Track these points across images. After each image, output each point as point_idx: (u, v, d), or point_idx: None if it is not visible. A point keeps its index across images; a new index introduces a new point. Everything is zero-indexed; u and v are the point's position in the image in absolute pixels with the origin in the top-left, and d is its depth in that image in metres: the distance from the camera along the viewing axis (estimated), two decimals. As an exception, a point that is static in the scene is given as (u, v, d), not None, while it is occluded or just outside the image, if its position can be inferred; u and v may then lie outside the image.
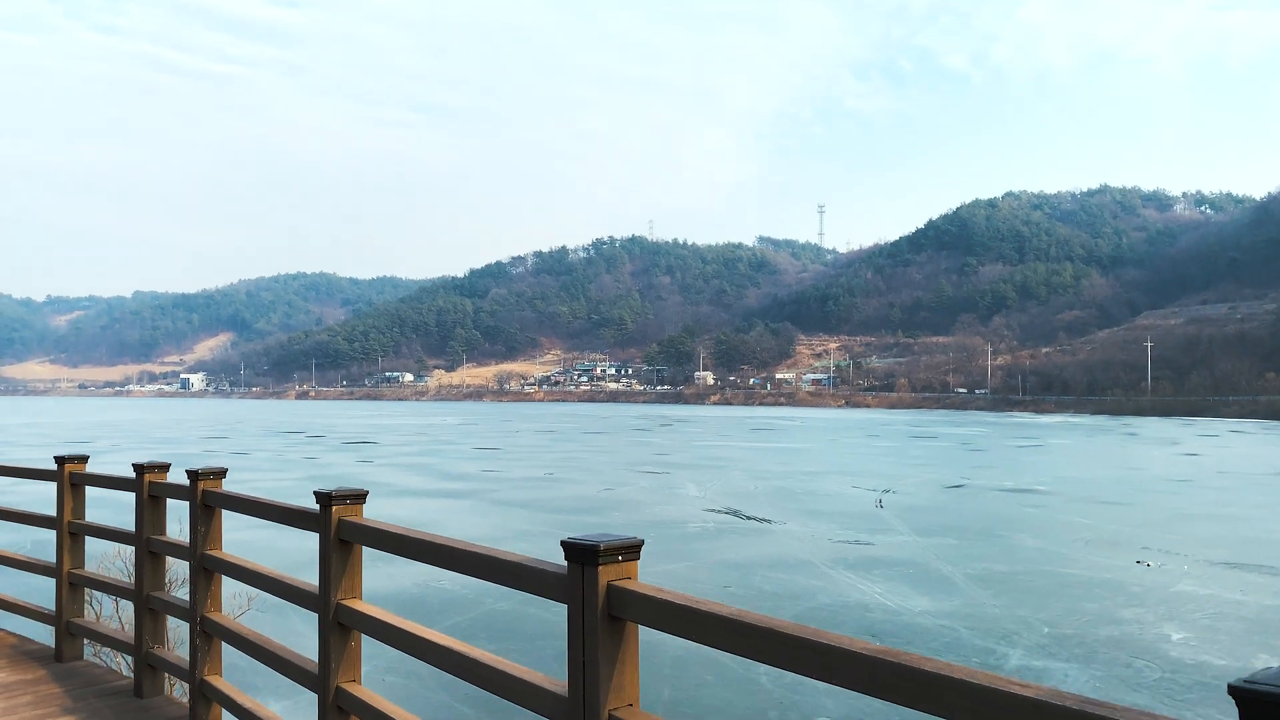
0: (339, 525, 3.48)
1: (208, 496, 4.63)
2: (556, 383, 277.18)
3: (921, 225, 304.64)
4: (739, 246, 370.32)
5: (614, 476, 48.21)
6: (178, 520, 5.60)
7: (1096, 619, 18.96)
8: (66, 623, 5.69)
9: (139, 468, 5.17)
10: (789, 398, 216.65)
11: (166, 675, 4.95)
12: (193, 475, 4.66)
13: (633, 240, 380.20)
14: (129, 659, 5.26)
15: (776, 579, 22.82)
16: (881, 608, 20.09)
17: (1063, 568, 24.34)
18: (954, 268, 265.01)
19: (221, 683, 4.37)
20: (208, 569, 4.50)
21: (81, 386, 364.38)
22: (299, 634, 14.75)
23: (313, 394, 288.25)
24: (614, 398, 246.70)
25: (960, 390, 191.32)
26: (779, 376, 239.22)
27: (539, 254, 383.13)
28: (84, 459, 5.87)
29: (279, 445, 72.23)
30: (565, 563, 2.64)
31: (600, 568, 2.55)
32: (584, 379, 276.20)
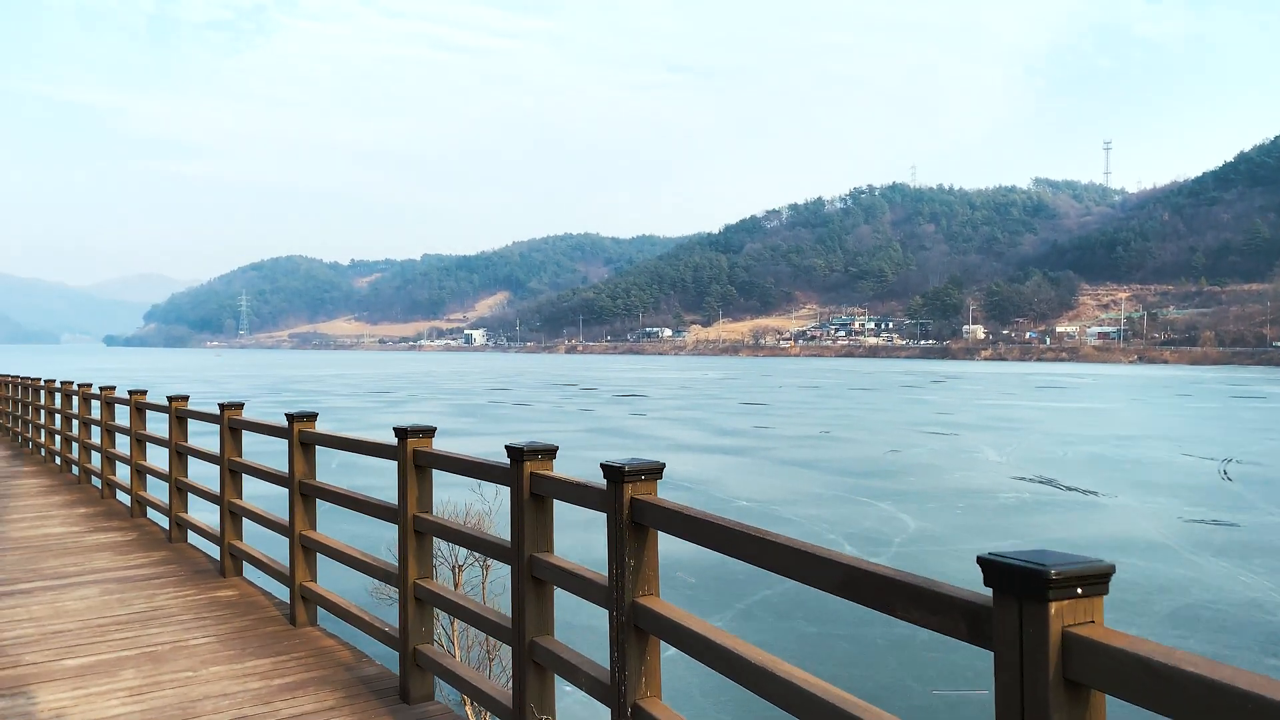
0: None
1: (641, 510, 2.84)
2: (813, 337, 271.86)
3: (1230, 159, 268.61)
4: (1012, 190, 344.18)
5: (897, 437, 45.18)
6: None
7: None
8: (414, 651, 4.33)
9: (516, 451, 3.53)
10: (1071, 353, 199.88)
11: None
12: (615, 473, 2.91)
13: (893, 188, 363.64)
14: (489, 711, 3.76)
15: (1132, 565, 19.42)
16: (1286, 611, 16.34)
17: None
18: (1271, 205, 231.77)
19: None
20: (641, 628, 2.89)
21: (380, 341, 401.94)
22: None
23: (580, 348, 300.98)
24: (873, 353, 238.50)
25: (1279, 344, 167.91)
26: (1060, 330, 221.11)
27: (794, 206, 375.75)
28: (430, 431, 4.46)
29: (556, 398, 74.64)
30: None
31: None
32: (841, 333, 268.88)
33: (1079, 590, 1.71)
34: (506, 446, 3.60)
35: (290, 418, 5.75)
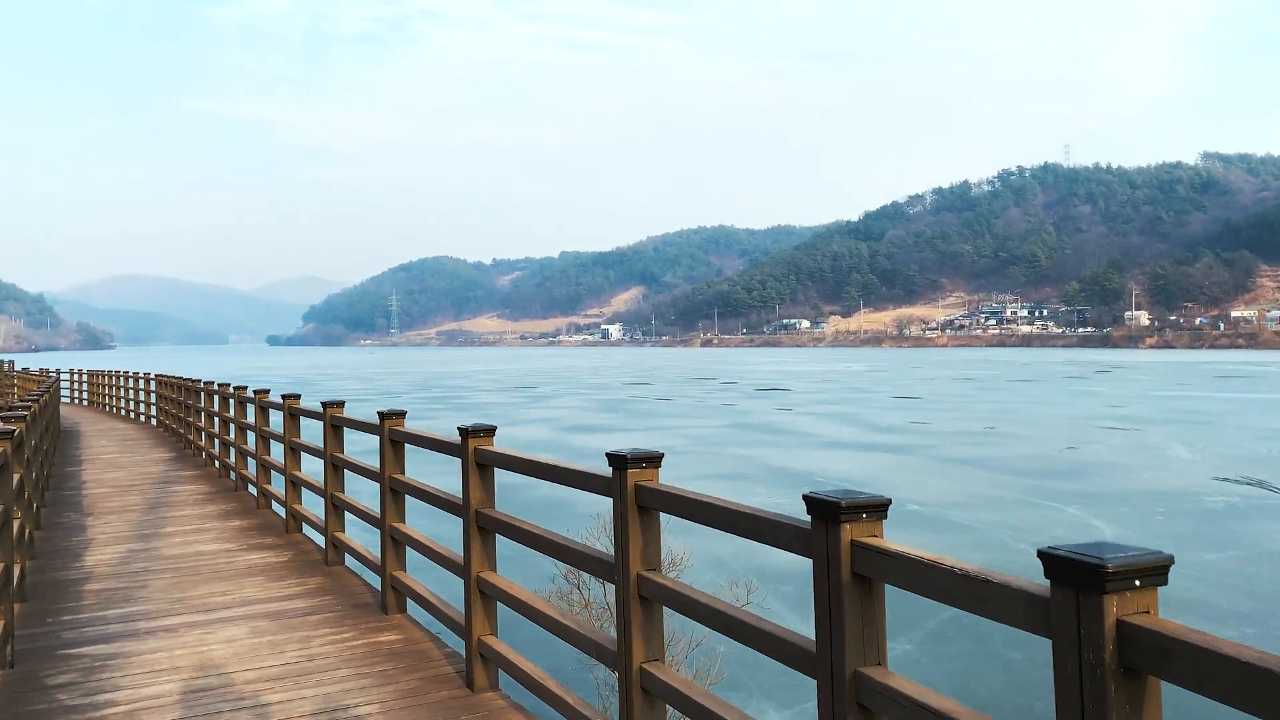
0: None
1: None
2: (961, 327, 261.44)
3: None
4: (1177, 166, 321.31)
5: (1070, 432, 41.93)
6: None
7: None
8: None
9: (826, 505, 2.15)
10: (1249, 339, 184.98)
11: None
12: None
13: (1045, 168, 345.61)
14: None
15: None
16: None
17: None
18: None
19: None
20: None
21: (521, 338, 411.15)
22: None
23: (716, 341, 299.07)
24: (1026, 342, 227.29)
25: None
26: (1235, 314, 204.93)
27: (938, 191, 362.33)
28: (655, 460, 3.27)
29: (697, 392, 73.51)
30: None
31: None
32: (991, 322, 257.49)
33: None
34: (806, 497, 2.36)
35: (464, 432, 4.68)
